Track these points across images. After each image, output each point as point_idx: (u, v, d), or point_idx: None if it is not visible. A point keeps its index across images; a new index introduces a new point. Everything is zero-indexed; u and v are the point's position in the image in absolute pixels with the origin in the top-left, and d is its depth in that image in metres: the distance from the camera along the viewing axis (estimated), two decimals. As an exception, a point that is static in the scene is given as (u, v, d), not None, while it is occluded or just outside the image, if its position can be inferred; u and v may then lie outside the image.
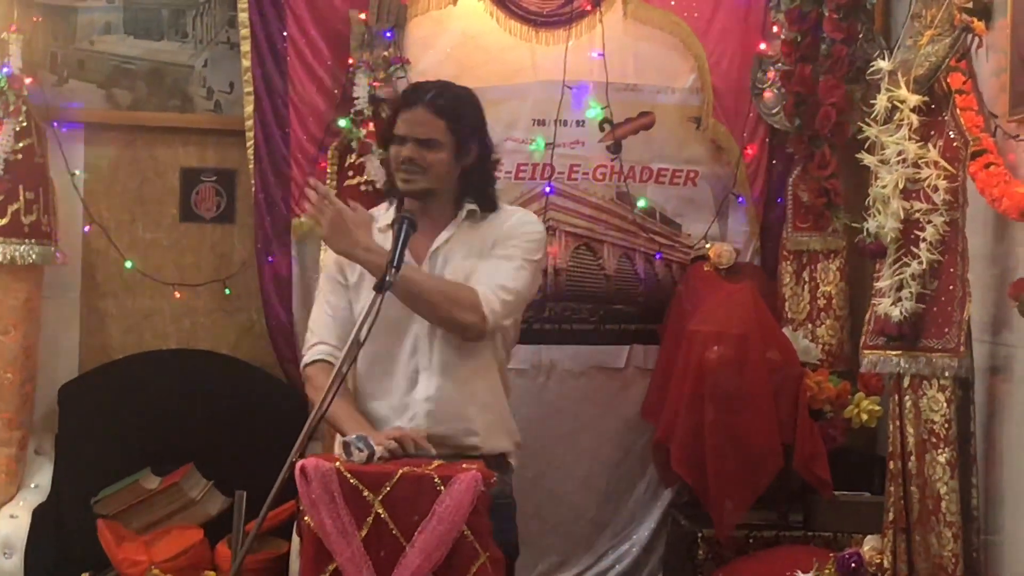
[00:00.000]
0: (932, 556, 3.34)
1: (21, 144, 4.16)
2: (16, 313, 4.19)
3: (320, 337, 3.34)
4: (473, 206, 3.35)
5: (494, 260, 3.30)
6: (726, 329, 4.05)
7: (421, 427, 3.22)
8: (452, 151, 3.28)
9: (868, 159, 3.45)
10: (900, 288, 3.36)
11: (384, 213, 3.41)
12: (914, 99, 3.33)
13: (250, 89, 4.42)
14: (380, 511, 2.92)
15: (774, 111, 4.50)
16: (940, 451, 3.32)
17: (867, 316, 3.53)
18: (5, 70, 4.16)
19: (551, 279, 4.51)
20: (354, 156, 4.28)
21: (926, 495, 3.35)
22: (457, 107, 3.32)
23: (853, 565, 3.47)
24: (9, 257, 4.13)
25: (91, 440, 4.28)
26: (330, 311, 3.36)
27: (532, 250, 3.35)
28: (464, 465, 3.00)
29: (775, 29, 4.48)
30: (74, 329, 4.56)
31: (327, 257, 3.44)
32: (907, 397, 3.39)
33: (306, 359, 3.39)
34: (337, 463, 2.96)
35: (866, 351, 3.49)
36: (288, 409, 4.25)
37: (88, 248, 4.57)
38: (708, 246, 4.53)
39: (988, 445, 3.48)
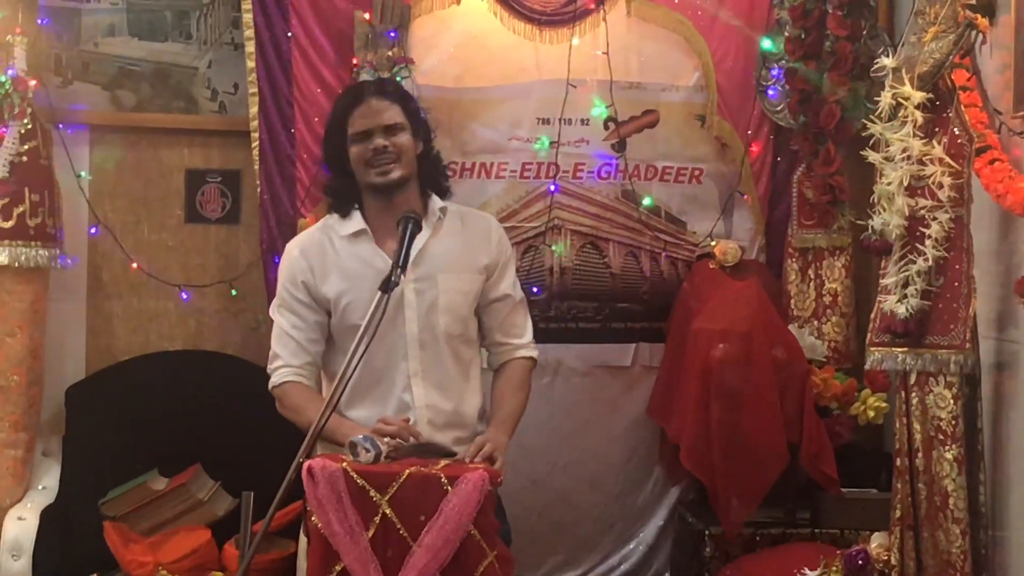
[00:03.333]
0: (940, 553, 3.34)
1: (26, 146, 4.16)
2: (22, 315, 4.19)
3: (285, 360, 3.34)
4: (442, 203, 3.40)
5: (515, 308, 3.53)
6: (732, 327, 4.05)
7: (422, 434, 3.22)
8: (411, 132, 3.35)
9: (873, 156, 3.45)
10: (906, 285, 3.36)
11: (343, 223, 3.38)
12: (918, 96, 3.33)
13: (254, 90, 4.42)
14: (387, 511, 2.92)
15: (778, 108, 4.50)
16: (947, 447, 3.32)
17: (873, 313, 3.52)
18: (10, 72, 4.17)
19: (556, 278, 4.52)
20: (358, 156, 4.29)
21: (933, 492, 3.35)
22: (400, 90, 3.46)
23: (860, 562, 3.47)
24: (15, 260, 4.13)
25: (98, 441, 4.28)
26: (291, 331, 3.35)
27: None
28: (471, 464, 3.01)
29: (779, 26, 4.48)
30: (80, 331, 4.57)
31: (284, 272, 3.41)
32: (914, 394, 3.39)
33: (273, 380, 3.37)
34: (344, 463, 2.96)
35: (872, 348, 3.49)
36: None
37: (94, 250, 4.57)
38: (713, 244, 4.52)
39: (995, 441, 3.48)
